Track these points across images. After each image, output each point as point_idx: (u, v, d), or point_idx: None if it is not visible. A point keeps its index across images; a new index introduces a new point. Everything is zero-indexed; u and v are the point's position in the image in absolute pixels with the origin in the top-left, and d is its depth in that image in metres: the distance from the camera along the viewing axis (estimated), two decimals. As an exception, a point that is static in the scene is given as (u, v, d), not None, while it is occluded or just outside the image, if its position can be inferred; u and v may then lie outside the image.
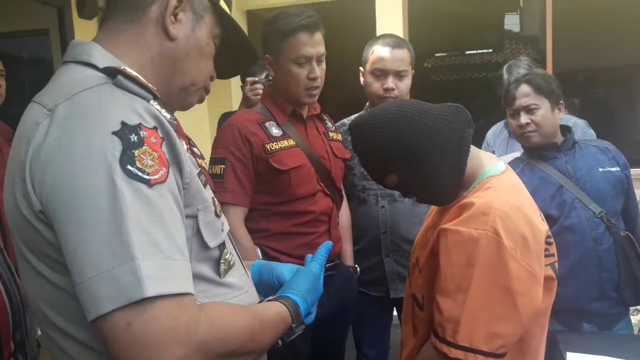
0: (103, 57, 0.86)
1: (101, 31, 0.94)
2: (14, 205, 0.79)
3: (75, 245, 0.70)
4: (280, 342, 0.95)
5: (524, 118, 1.97)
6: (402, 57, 2.02)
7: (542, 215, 1.24)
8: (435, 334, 1.12)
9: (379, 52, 2.03)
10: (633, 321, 2.10)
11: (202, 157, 1.06)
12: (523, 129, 1.98)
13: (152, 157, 0.74)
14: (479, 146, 2.99)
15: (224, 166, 1.72)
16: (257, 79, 2.41)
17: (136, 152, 0.73)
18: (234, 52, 1.05)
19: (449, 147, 1.19)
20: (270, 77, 2.20)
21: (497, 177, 1.21)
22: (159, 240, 0.72)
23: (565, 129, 2.05)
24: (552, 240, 1.23)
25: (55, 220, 0.73)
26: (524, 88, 1.97)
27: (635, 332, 2.10)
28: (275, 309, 0.95)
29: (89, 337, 0.77)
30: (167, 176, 0.76)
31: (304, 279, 1.07)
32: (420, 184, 1.23)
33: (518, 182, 1.28)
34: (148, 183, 0.73)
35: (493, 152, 2.80)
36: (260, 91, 2.29)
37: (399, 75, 2.02)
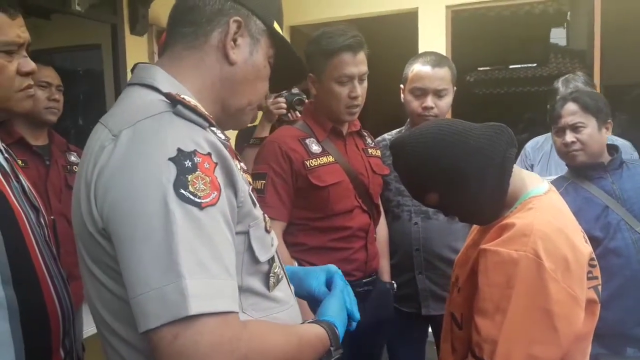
0: (166, 81, 0.93)
1: (164, 56, 1.00)
2: (80, 219, 0.86)
3: (129, 262, 0.76)
4: None
5: (569, 136, 1.93)
6: (442, 76, 2.02)
7: (586, 237, 1.23)
8: (472, 354, 1.12)
9: (418, 70, 2.04)
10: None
11: (247, 171, 1.11)
12: (568, 147, 1.95)
13: (204, 181, 0.79)
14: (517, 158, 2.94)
15: (264, 181, 1.76)
16: (280, 93, 2.44)
17: (189, 177, 0.78)
18: (285, 69, 1.10)
19: (492, 168, 1.19)
20: (295, 92, 2.23)
21: (539, 198, 1.21)
22: (207, 260, 0.76)
23: (613, 149, 2.00)
24: (595, 262, 1.21)
25: (113, 236, 0.79)
26: (571, 106, 1.94)
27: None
28: (314, 331, 0.98)
29: (144, 344, 0.81)
30: (218, 199, 0.80)
31: (337, 304, 1.09)
32: (461, 204, 1.23)
33: (561, 202, 1.27)
34: (199, 206, 0.77)
35: (531, 166, 2.75)
36: (284, 105, 2.32)
37: (438, 94, 2.02)
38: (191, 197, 0.77)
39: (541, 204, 1.19)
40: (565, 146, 1.96)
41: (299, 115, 2.31)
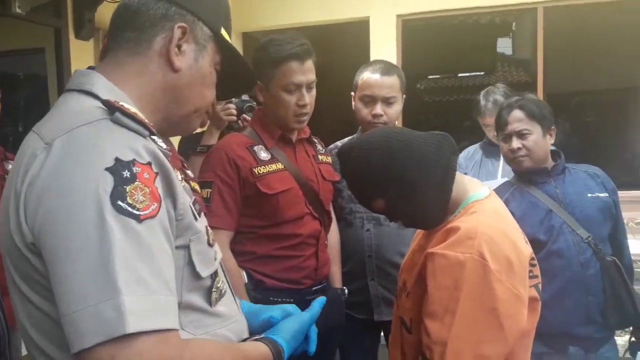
0: (105, 88, 0.89)
1: (105, 61, 0.96)
2: (8, 233, 0.81)
3: (62, 278, 0.72)
4: None
5: (515, 143, 1.99)
6: (390, 84, 2.04)
7: (526, 238, 1.28)
8: (423, 357, 1.14)
9: (367, 78, 2.06)
10: (620, 342, 2.11)
11: (194, 179, 1.08)
12: (515, 153, 2.00)
13: (143, 192, 0.76)
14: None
15: (210, 190, 1.72)
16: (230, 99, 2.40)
17: (127, 188, 0.74)
18: (233, 76, 1.08)
19: (435, 174, 1.22)
20: (245, 98, 2.21)
21: (481, 202, 1.25)
22: (145, 275, 0.73)
23: (556, 154, 2.07)
24: (535, 262, 1.26)
25: (44, 250, 0.75)
26: (517, 113, 2.00)
27: (621, 355, 2.10)
28: (259, 351, 0.96)
29: None
30: (158, 211, 0.77)
31: (292, 324, 1.07)
32: (406, 209, 1.26)
33: (501, 206, 1.32)
34: (138, 218, 0.74)
35: (465, 175, 2.84)
36: (234, 112, 2.29)
37: (387, 101, 2.03)
38: (129, 209, 0.74)
39: (483, 207, 1.23)
40: (511, 152, 2.01)
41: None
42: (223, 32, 1.02)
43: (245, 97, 2.34)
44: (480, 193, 1.28)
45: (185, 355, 0.75)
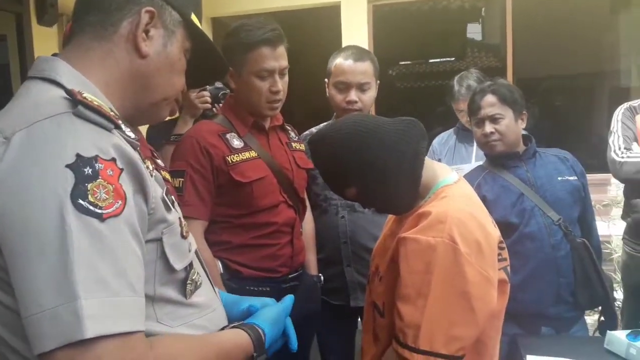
0: (69, 75, 0.85)
1: (69, 47, 0.92)
2: None
3: (22, 279, 0.70)
4: None
5: (488, 127, 2.01)
6: (364, 70, 2.02)
7: (494, 222, 1.31)
8: (396, 340, 1.16)
9: (341, 65, 2.04)
10: (589, 321, 2.17)
11: (165, 168, 1.05)
12: (487, 137, 2.02)
13: (106, 190, 0.73)
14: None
15: (182, 179, 1.69)
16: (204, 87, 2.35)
17: (89, 186, 0.72)
18: (204, 64, 1.05)
19: (405, 160, 1.23)
20: (219, 86, 2.16)
21: (450, 187, 1.27)
22: (107, 276, 0.71)
23: (527, 139, 2.10)
24: (504, 245, 1.28)
25: (4, 249, 0.72)
26: (489, 98, 2.02)
27: (590, 334, 2.16)
28: (235, 340, 0.95)
29: None
30: (122, 209, 0.74)
31: (271, 312, 1.07)
32: (378, 196, 1.27)
33: (470, 190, 1.34)
34: (100, 217, 0.72)
35: (439, 160, 2.88)
36: (209, 99, 2.25)
37: (361, 87, 2.02)
38: (90, 207, 0.71)
39: (453, 192, 1.25)
40: (484, 136, 2.03)
41: None
42: (193, 17, 0.99)
43: (218, 84, 2.30)
44: (450, 178, 1.30)
45: (149, 357, 0.74)
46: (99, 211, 0.72)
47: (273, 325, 1.03)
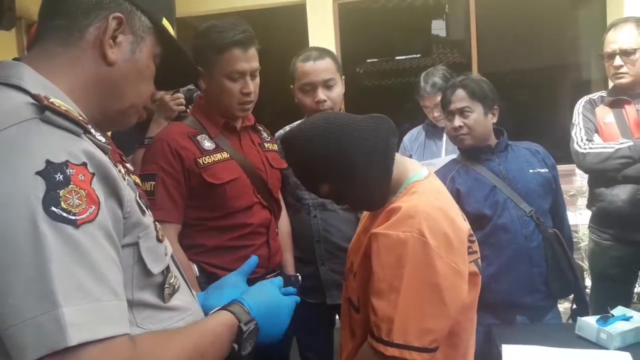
0: (34, 81, 0.82)
1: (33, 52, 0.89)
2: None
3: None
4: (236, 345, 0.93)
5: (457, 121, 2.04)
6: (325, 67, 2.01)
7: (464, 216, 1.33)
8: (371, 334, 1.17)
9: (302, 67, 2.02)
10: (561, 309, 2.22)
11: (135, 172, 1.03)
12: (457, 131, 2.05)
13: (79, 195, 0.72)
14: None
15: (154, 182, 1.66)
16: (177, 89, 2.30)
17: (61, 192, 0.70)
18: (174, 68, 1.02)
19: (376, 156, 1.25)
20: (191, 87, 2.13)
21: (421, 182, 1.29)
22: (86, 283, 0.70)
23: (499, 132, 2.14)
24: (474, 238, 1.31)
25: None
26: (460, 92, 2.05)
27: (564, 321, 2.21)
28: (216, 320, 0.94)
29: None
30: (96, 214, 0.73)
31: (255, 287, 1.09)
32: (351, 192, 1.29)
33: (440, 185, 1.37)
34: (74, 224, 0.70)
35: (410, 156, 2.91)
36: (184, 101, 2.21)
37: (326, 85, 2.01)
38: (64, 214, 0.70)
39: (423, 187, 1.27)
40: (454, 130, 2.07)
41: None
42: (165, 23, 0.96)
43: (190, 85, 2.27)
44: (420, 173, 1.32)
45: (133, 357, 0.73)
46: (73, 217, 0.70)
47: (254, 296, 1.03)
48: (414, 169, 1.33)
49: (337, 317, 2.27)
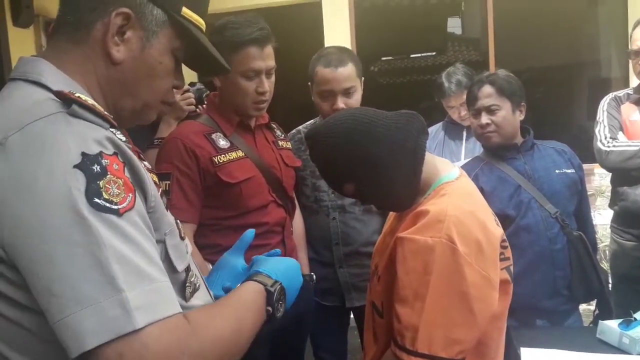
0: (55, 77, 0.80)
1: (48, 48, 0.87)
2: None
3: (49, 283, 0.68)
4: (270, 308, 0.93)
5: (484, 118, 1.98)
6: (347, 75, 1.93)
7: (497, 220, 1.26)
8: (395, 342, 1.13)
9: (322, 73, 1.94)
10: (580, 309, 2.18)
11: (152, 171, 1.02)
12: (484, 129, 2.00)
13: (117, 184, 0.73)
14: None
15: (169, 182, 1.64)
16: (187, 87, 2.24)
17: (101, 183, 0.71)
18: (202, 60, 0.99)
19: (405, 155, 1.20)
20: (201, 87, 2.10)
21: (451, 184, 1.23)
22: (142, 266, 0.71)
23: (525, 130, 2.08)
24: (507, 244, 1.24)
25: (21, 258, 0.70)
26: (487, 89, 1.99)
27: (585, 324, 2.16)
28: (244, 290, 0.94)
29: None
30: (134, 201, 0.74)
31: (269, 259, 1.08)
32: (377, 192, 1.24)
33: (472, 187, 1.30)
34: (117, 213, 0.71)
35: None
36: (194, 100, 2.17)
37: (346, 93, 1.95)
38: (107, 204, 0.71)
39: (453, 189, 1.20)
40: (480, 128, 2.01)
41: None
42: (187, 12, 0.90)
43: (199, 84, 2.25)
44: (451, 174, 1.26)
45: (188, 332, 0.74)
46: (115, 207, 0.71)
47: (267, 263, 1.02)
48: (445, 169, 1.27)
49: (351, 316, 2.25)
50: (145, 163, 0.96)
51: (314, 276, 2.02)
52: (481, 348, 1.17)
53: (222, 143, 1.74)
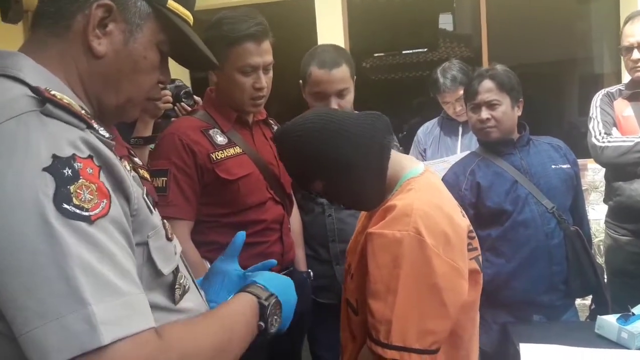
0: (34, 72, 0.77)
1: (27, 40, 0.84)
2: None
3: (14, 294, 0.64)
4: (262, 323, 0.91)
5: (484, 113, 1.97)
6: (341, 77, 1.90)
7: (464, 212, 1.30)
8: (370, 337, 1.15)
9: (316, 74, 1.90)
10: (577, 302, 2.18)
11: (144, 167, 0.99)
12: (483, 124, 1.99)
13: (89, 190, 0.68)
14: (411, 143, 3.08)
15: (165, 178, 1.61)
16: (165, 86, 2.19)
17: (72, 188, 0.67)
18: (189, 55, 0.96)
19: (371, 155, 1.23)
20: (179, 84, 2.07)
21: (417, 179, 1.26)
22: (112, 278, 0.67)
23: (521, 126, 2.08)
24: (474, 234, 1.28)
25: None
26: (488, 83, 1.98)
27: (582, 319, 2.17)
28: (236, 301, 0.92)
29: None
30: (109, 208, 0.70)
31: (266, 273, 1.07)
32: (344, 191, 1.27)
33: (437, 181, 1.34)
34: (88, 220, 0.67)
35: (424, 150, 2.87)
36: (170, 98, 2.05)
37: (340, 94, 1.92)
38: (77, 211, 0.66)
39: (419, 184, 1.23)
40: (480, 122, 2.00)
41: (188, 109, 2.09)
42: (172, 5, 0.88)
43: (178, 82, 2.17)
44: (416, 170, 1.29)
45: (161, 348, 0.70)
46: (86, 214, 0.67)
47: (263, 275, 1.02)
48: (409, 166, 1.30)
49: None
50: (136, 159, 0.94)
51: (312, 273, 2.01)
52: (454, 338, 1.20)
53: (220, 139, 1.72)
